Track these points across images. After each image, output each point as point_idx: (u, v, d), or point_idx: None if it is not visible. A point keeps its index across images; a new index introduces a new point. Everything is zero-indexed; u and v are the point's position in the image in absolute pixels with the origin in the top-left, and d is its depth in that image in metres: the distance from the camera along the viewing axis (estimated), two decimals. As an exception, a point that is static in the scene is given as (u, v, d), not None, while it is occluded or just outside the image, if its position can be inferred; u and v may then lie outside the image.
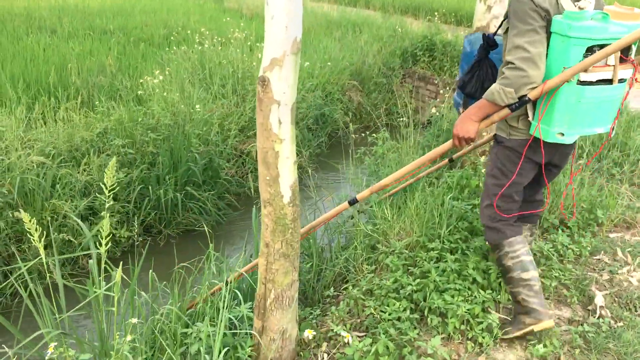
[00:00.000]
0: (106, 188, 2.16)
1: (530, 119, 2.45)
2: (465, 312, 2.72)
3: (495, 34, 2.73)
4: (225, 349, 2.35)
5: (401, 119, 5.63)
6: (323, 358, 2.72)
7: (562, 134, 2.37)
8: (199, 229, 4.92)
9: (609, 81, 2.32)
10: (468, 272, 2.95)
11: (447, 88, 8.35)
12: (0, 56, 7.32)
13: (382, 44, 9.55)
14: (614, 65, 2.30)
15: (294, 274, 2.62)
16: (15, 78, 6.21)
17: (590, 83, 2.28)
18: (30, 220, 2.03)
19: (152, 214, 4.75)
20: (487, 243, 2.87)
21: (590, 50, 2.24)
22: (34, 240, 2.03)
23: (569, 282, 3.14)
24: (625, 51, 2.33)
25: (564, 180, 4.07)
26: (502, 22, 2.54)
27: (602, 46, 2.23)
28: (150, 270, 2.73)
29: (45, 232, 3.24)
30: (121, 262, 2.46)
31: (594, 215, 3.80)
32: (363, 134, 5.38)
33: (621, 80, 2.35)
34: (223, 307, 2.34)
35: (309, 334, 2.72)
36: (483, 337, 2.67)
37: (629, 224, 3.91)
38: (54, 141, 4.68)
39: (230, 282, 2.70)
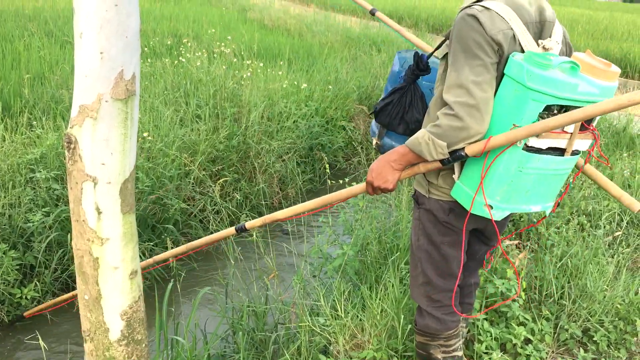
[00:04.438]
0: None
1: (455, 177, 1.92)
2: None
3: (430, 56, 2.13)
4: None
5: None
6: None
7: (491, 207, 1.87)
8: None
9: (561, 151, 1.84)
10: None
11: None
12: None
13: (399, 65, 8.55)
14: (571, 133, 1.80)
15: None
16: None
17: (539, 150, 1.80)
18: None
19: (71, 267, 3.83)
20: (415, 326, 2.26)
21: (547, 109, 1.73)
22: None
23: None
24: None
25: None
26: (441, 43, 1.95)
27: (563, 107, 1.75)
28: None
29: None
30: None
31: (633, 327, 2.72)
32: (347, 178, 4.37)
33: (575, 152, 1.88)
34: None
35: None
36: None
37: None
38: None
39: None
